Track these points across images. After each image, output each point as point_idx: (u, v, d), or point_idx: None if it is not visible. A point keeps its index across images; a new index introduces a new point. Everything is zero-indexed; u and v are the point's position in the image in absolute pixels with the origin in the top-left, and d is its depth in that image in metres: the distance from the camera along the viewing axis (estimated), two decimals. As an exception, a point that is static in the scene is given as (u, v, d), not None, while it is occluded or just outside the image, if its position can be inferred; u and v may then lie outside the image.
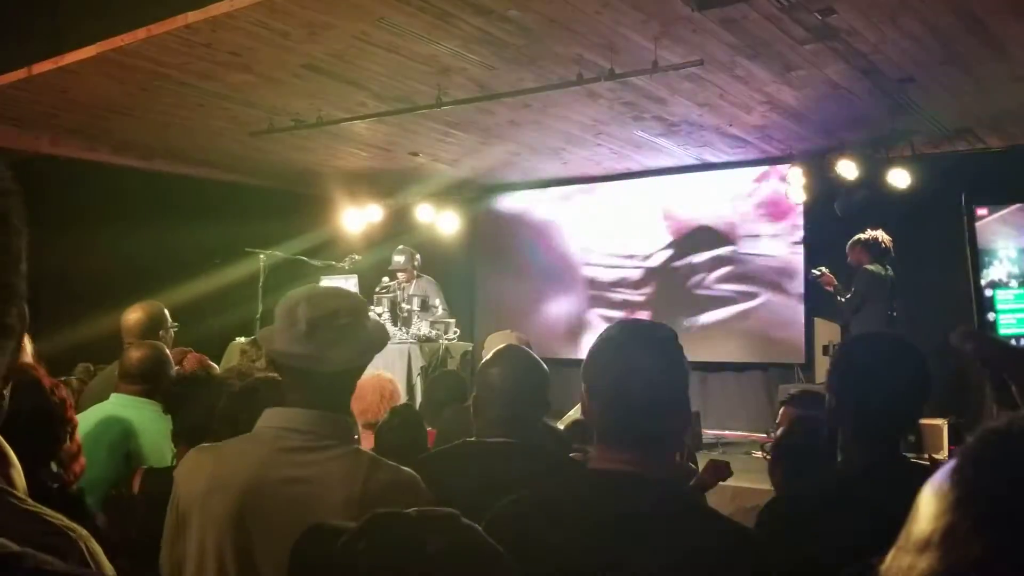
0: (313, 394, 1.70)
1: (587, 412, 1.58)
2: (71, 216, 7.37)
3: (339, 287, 1.89)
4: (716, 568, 1.42)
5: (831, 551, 1.71)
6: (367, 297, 7.83)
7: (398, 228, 9.57)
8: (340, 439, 1.70)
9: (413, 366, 6.81)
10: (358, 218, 9.25)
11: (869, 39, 4.86)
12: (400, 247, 7.89)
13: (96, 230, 7.12)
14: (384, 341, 1.86)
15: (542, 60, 5.26)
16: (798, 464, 2.63)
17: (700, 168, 8.35)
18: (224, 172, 8.49)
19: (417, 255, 7.88)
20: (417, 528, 1.00)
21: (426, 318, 7.29)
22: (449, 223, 9.35)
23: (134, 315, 3.72)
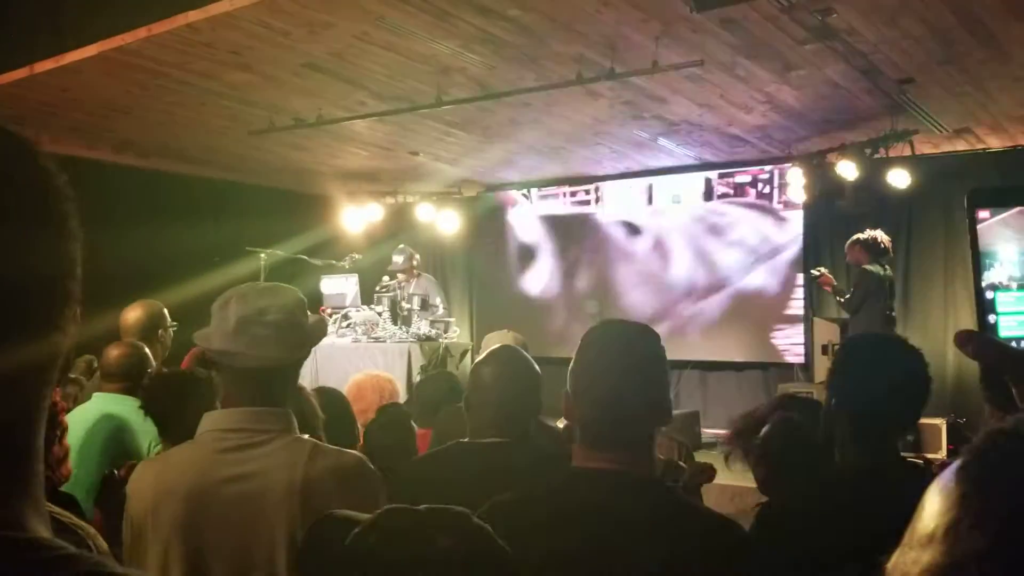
0: (248, 391, 1.71)
1: (570, 412, 1.59)
2: (71, 215, 7.38)
3: (276, 284, 1.89)
4: (703, 563, 1.43)
5: (829, 551, 1.72)
6: (368, 296, 7.85)
7: (398, 227, 9.58)
8: (278, 431, 1.71)
9: (413, 365, 6.81)
10: (358, 217, 9.27)
11: (869, 39, 4.86)
12: (399, 247, 7.91)
13: (96, 229, 6.99)
14: (320, 336, 1.87)
15: (542, 59, 5.26)
16: (781, 464, 2.65)
17: (700, 167, 8.36)
18: (224, 171, 8.50)
19: (416, 255, 7.89)
20: (427, 526, 1.01)
21: (426, 317, 7.30)
22: (449, 222, 9.36)
23: (133, 314, 3.72)
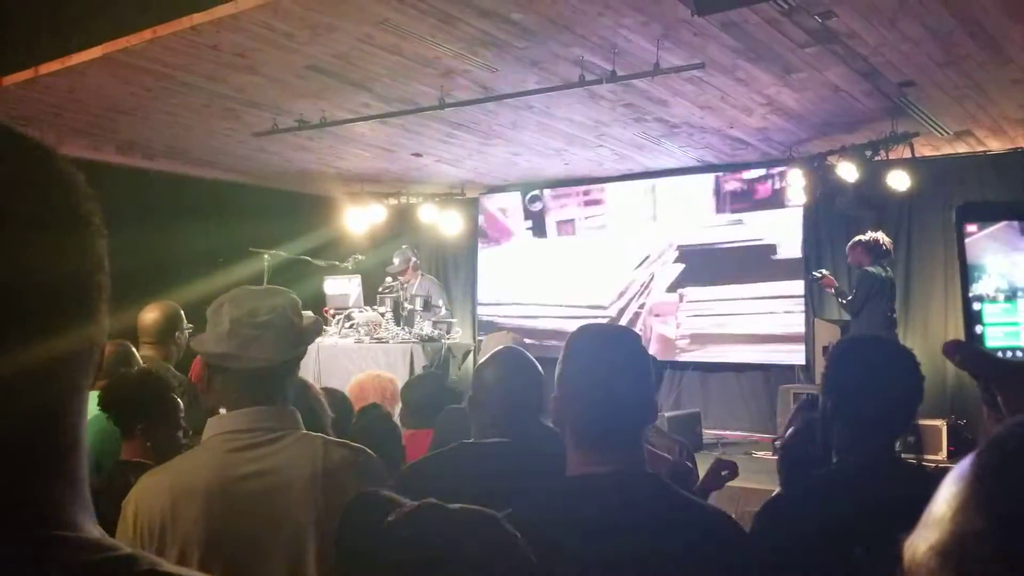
0: (249, 393, 1.72)
1: (559, 416, 1.60)
2: (76, 215, 7.41)
3: (269, 287, 1.91)
4: (705, 558, 1.45)
5: (826, 550, 1.74)
6: (370, 297, 7.88)
7: (401, 228, 9.62)
8: (286, 429, 1.72)
9: (416, 365, 6.84)
10: (361, 218, 9.29)
11: (869, 42, 4.88)
12: (400, 249, 7.96)
13: (100, 229, 7.15)
14: (314, 335, 1.88)
15: (544, 62, 5.29)
16: (800, 466, 2.67)
17: (701, 169, 8.39)
18: (228, 172, 8.53)
19: (412, 256, 7.92)
20: (458, 528, 1.06)
21: (428, 318, 7.33)
22: (452, 223, 9.38)
23: (151, 315, 3.62)
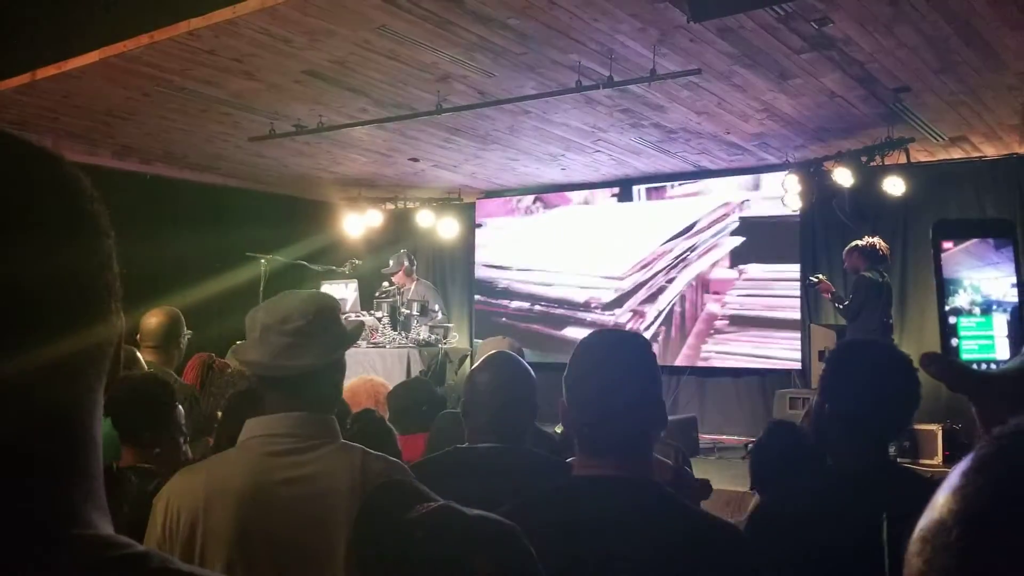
0: (285, 398, 1.70)
1: (566, 420, 1.61)
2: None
3: (313, 292, 1.88)
4: (702, 564, 1.45)
5: (822, 552, 1.75)
6: (367, 302, 7.88)
7: (398, 233, 9.62)
8: (325, 438, 1.70)
9: (412, 370, 6.84)
10: (358, 223, 9.30)
11: (865, 48, 4.91)
12: (397, 253, 7.97)
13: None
14: (354, 338, 1.85)
15: (541, 67, 5.31)
16: (776, 466, 2.68)
17: (698, 175, 8.40)
18: (225, 177, 8.54)
19: (406, 260, 7.92)
20: (474, 538, 1.07)
21: (425, 322, 7.33)
22: (449, 228, 9.39)
23: (153, 319, 3.62)
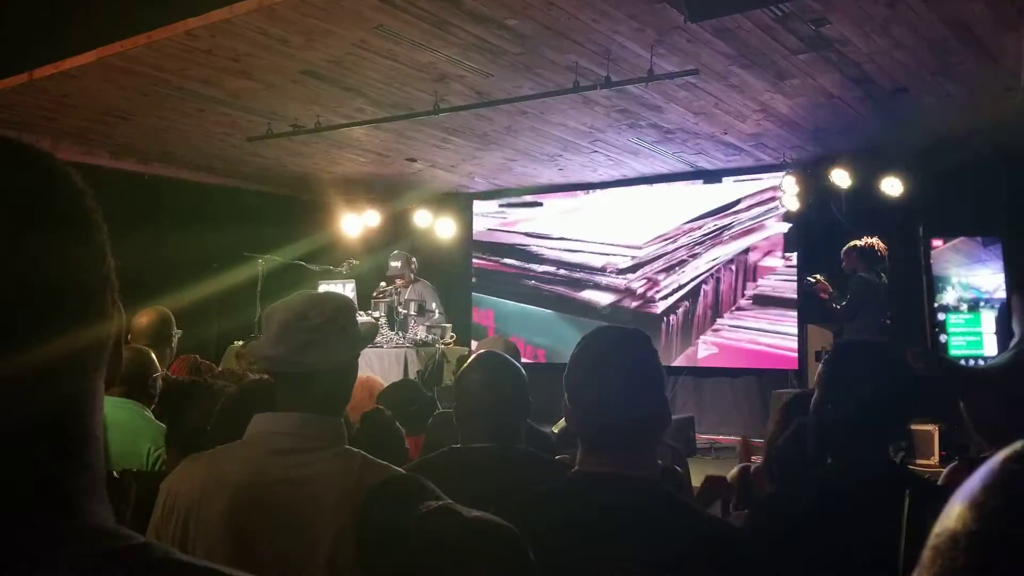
0: (300, 397, 1.71)
1: (570, 418, 1.61)
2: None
3: (329, 291, 1.88)
4: (702, 563, 1.45)
5: (822, 554, 1.75)
6: (364, 302, 7.87)
7: (396, 233, 9.62)
8: (330, 441, 1.70)
9: (410, 370, 6.84)
10: (356, 223, 9.30)
11: (862, 49, 4.92)
12: (395, 252, 7.93)
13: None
14: (368, 338, 1.85)
15: (539, 68, 5.31)
16: (787, 468, 2.67)
17: (695, 175, 8.41)
18: (223, 177, 8.53)
19: (413, 260, 7.91)
20: (471, 542, 1.09)
21: (423, 322, 7.33)
22: (446, 228, 9.39)
23: (145, 319, 3.70)
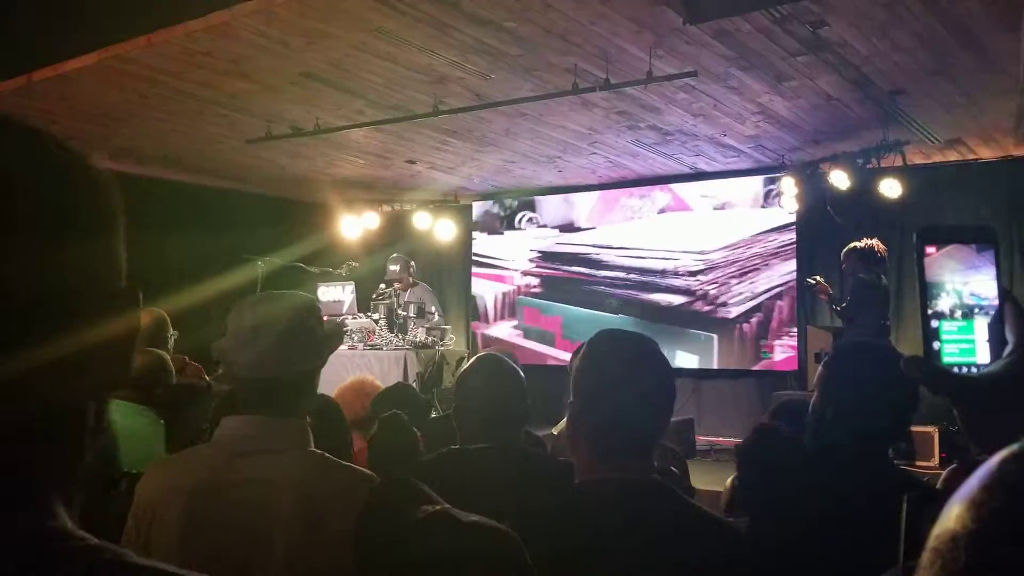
0: (258, 399, 1.70)
1: (573, 422, 1.59)
2: (69, 222, 7.40)
3: (291, 292, 1.87)
4: (717, 567, 1.45)
5: (822, 557, 1.75)
6: (364, 304, 7.88)
7: (395, 235, 9.62)
8: (292, 443, 1.70)
9: (409, 372, 6.84)
10: (355, 225, 9.30)
11: (860, 51, 4.92)
12: (394, 255, 7.94)
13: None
14: (338, 340, 1.86)
15: (538, 70, 5.31)
16: (761, 472, 2.67)
17: (694, 177, 8.41)
18: (222, 179, 8.54)
19: (412, 263, 7.92)
20: (466, 547, 1.10)
21: (422, 325, 7.33)
22: (445, 230, 9.40)
23: (141, 321, 3.72)
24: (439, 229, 9.38)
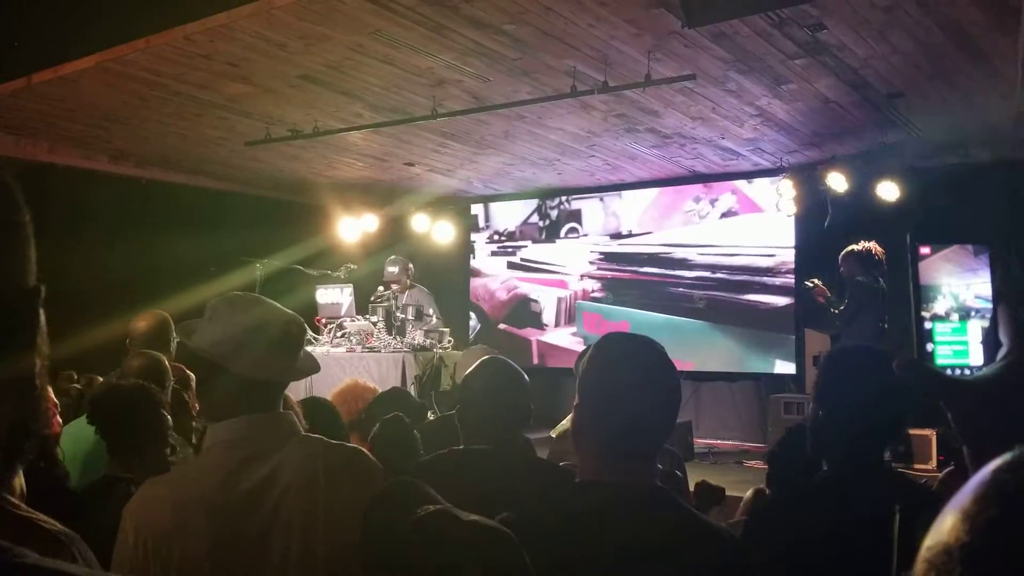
0: (254, 399, 1.71)
1: (577, 424, 1.59)
2: (67, 224, 7.40)
3: (281, 307, 1.89)
4: (702, 570, 1.45)
5: (817, 560, 1.75)
6: (362, 306, 7.87)
7: (393, 237, 9.62)
8: (287, 435, 1.72)
9: (408, 375, 6.83)
10: (354, 227, 9.30)
11: (859, 54, 4.93)
12: (392, 257, 7.93)
13: (93, 239, 7.14)
14: (311, 371, 1.87)
15: (536, 72, 5.32)
16: (785, 473, 2.68)
17: (692, 180, 8.42)
18: (220, 181, 8.54)
19: (410, 265, 7.92)
20: (465, 546, 1.12)
21: (420, 327, 7.32)
22: (444, 232, 9.40)
23: (143, 323, 3.64)
24: (437, 231, 9.39)
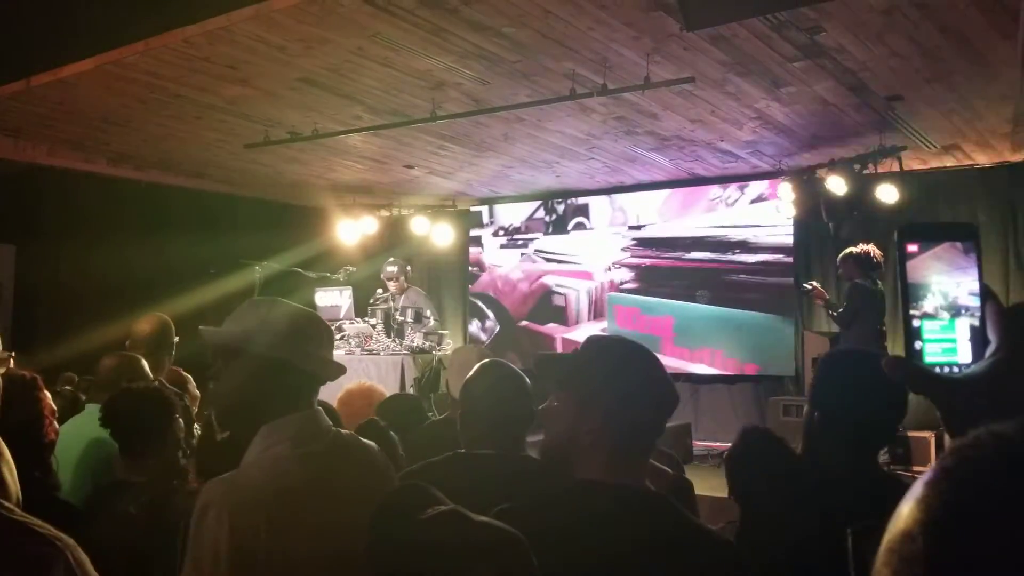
0: (302, 396, 1.77)
1: (578, 425, 1.57)
2: (67, 226, 7.41)
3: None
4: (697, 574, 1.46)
5: (813, 558, 1.75)
6: (361, 309, 7.88)
7: (393, 240, 9.64)
8: (327, 428, 1.80)
9: (407, 377, 6.84)
10: (353, 230, 9.31)
11: (857, 57, 4.93)
12: (391, 258, 7.95)
13: (92, 241, 7.15)
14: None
15: (535, 75, 5.32)
16: (748, 472, 2.68)
17: (691, 182, 8.43)
18: (220, 184, 8.54)
19: (408, 266, 7.93)
20: (476, 547, 1.13)
21: (419, 330, 7.33)
22: (443, 235, 9.40)
23: (145, 326, 3.65)
24: (437, 234, 9.40)
